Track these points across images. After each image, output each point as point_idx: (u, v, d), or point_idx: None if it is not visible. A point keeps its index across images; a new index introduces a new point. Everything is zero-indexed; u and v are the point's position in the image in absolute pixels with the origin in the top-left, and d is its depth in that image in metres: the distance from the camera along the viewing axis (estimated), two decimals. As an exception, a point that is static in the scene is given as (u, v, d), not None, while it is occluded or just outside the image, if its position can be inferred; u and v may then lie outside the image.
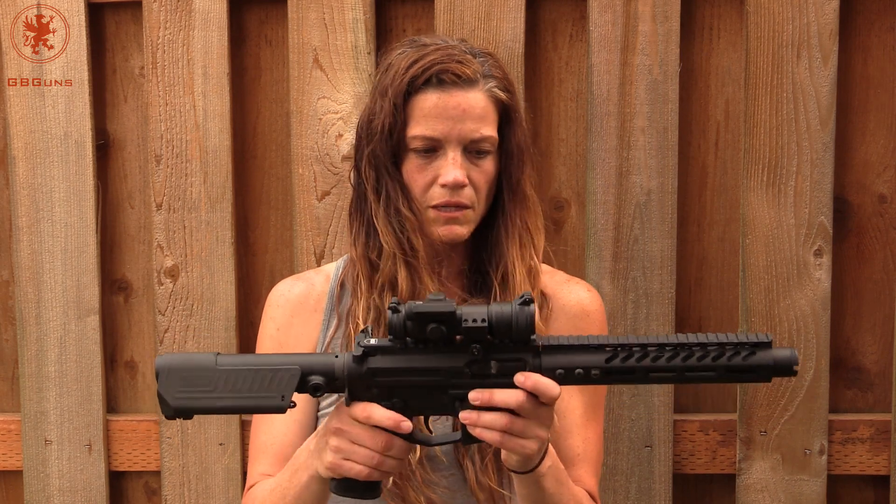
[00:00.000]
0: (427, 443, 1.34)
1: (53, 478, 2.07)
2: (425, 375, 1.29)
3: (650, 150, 1.92)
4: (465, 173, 1.47)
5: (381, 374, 1.29)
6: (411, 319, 1.26)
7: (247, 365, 1.30)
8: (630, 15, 1.90)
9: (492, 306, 1.26)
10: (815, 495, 1.96)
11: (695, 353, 1.26)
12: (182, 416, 1.31)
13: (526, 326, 1.25)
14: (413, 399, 1.30)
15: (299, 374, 1.29)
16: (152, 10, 1.97)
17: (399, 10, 1.98)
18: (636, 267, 1.94)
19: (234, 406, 1.30)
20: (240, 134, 2.03)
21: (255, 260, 2.06)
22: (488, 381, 1.28)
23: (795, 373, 1.26)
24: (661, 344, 1.26)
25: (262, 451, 1.55)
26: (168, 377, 1.30)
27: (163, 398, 1.29)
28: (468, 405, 1.28)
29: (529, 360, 1.27)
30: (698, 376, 1.26)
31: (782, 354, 1.26)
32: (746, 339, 1.25)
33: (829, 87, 1.89)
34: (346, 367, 1.29)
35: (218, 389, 1.29)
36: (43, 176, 2.02)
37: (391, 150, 1.49)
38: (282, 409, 1.29)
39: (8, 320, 2.12)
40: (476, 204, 1.49)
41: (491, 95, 1.49)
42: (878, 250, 1.97)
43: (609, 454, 1.97)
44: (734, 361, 1.25)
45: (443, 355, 1.29)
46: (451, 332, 1.26)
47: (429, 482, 1.48)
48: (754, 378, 1.26)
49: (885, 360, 1.98)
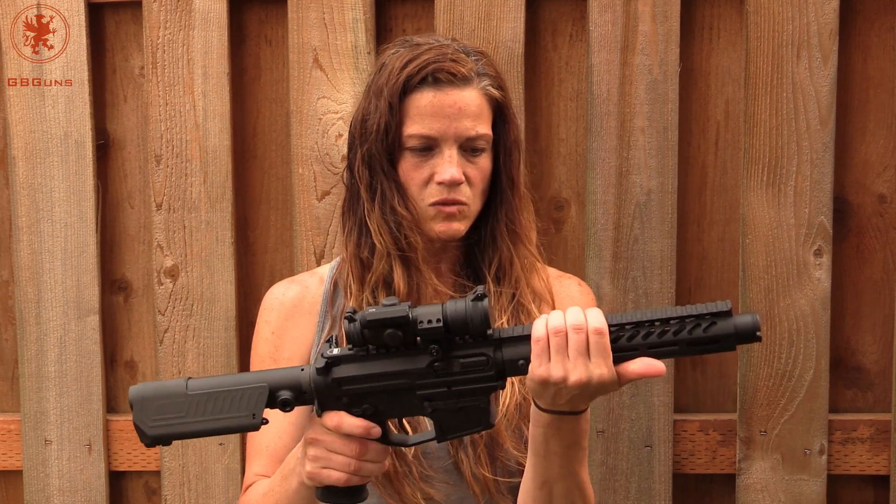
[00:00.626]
0: (404, 443, 1.36)
1: (53, 478, 2.07)
2: (391, 379, 1.30)
3: (650, 150, 1.92)
4: (461, 171, 1.48)
5: (347, 383, 1.30)
6: (366, 327, 1.27)
7: (216, 387, 1.32)
8: (630, 15, 1.90)
9: (446, 304, 1.26)
10: (815, 495, 1.96)
11: (655, 329, 1.24)
12: (160, 443, 1.33)
13: (481, 322, 1.25)
14: (383, 404, 1.31)
15: (267, 391, 1.31)
16: (152, 10, 1.97)
17: (399, 10, 1.98)
18: (636, 267, 1.94)
19: (207, 429, 1.32)
20: (240, 134, 2.03)
21: (255, 260, 2.06)
22: (453, 377, 1.29)
23: (759, 338, 1.23)
24: (621, 324, 1.25)
25: (258, 451, 1.55)
26: (142, 407, 1.32)
27: (139, 428, 1.32)
28: (437, 403, 1.29)
29: (491, 354, 1.28)
30: (661, 352, 1.24)
31: (743, 321, 1.23)
32: (706, 310, 1.23)
33: (829, 86, 1.89)
34: (311, 379, 1.31)
35: (190, 414, 1.32)
36: (43, 176, 2.02)
37: (387, 149, 1.50)
38: (255, 427, 1.32)
39: (8, 320, 2.12)
40: (472, 201, 1.50)
41: (485, 93, 1.50)
42: (878, 250, 1.97)
43: (609, 454, 1.97)
44: (695, 334, 1.23)
45: (404, 358, 1.29)
46: (408, 335, 1.27)
47: (426, 477, 1.48)
48: (718, 348, 1.24)
49: (885, 360, 1.98)
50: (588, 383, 1.24)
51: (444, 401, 1.30)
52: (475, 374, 1.28)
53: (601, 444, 1.96)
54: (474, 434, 1.44)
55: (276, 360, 1.58)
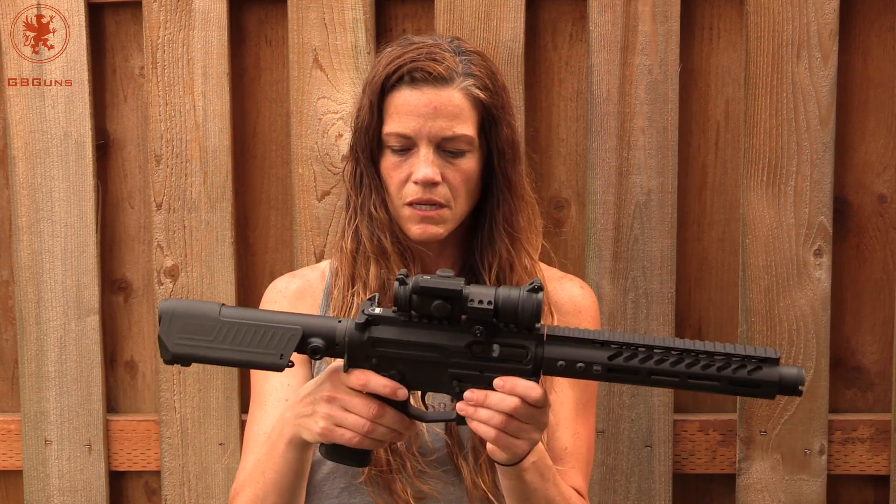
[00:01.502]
0: (422, 418, 1.34)
1: (53, 478, 2.07)
2: (426, 351, 1.28)
3: (650, 150, 1.92)
4: (436, 171, 1.47)
5: (381, 345, 1.29)
6: (417, 293, 1.25)
7: (249, 319, 1.29)
8: (630, 15, 1.90)
9: (500, 289, 1.25)
10: (815, 495, 1.96)
11: (700, 361, 1.23)
12: (180, 362, 1.30)
13: (532, 314, 1.25)
14: (412, 373, 1.30)
15: (300, 334, 1.28)
16: (152, 10, 1.97)
17: (399, 10, 1.98)
18: (636, 267, 1.94)
19: (232, 359, 1.29)
20: (240, 134, 2.03)
21: (255, 260, 2.06)
22: (489, 363, 1.27)
23: (801, 392, 1.23)
24: (667, 347, 1.24)
25: (254, 439, 1.54)
26: (170, 322, 1.29)
27: (163, 342, 1.29)
28: (466, 385, 1.28)
29: (532, 348, 1.27)
30: (701, 384, 1.24)
31: (789, 373, 1.23)
32: (754, 353, 1.23)
33: (829, 87, 1.89)
34: (347, 333, 1.29)
35: (218, 340, 1.29)
36: (43, 176, 2.02)
37: (369, 146, 1.51)
38: (279, 368, 1.29)
39: (8, 320, 2.12)
40: (452, 203, 1.49)
41: (467, 94, 1.48)
42: (878, 250, 1.97)
43: (609, 454, 1.97)
44: (739, 374, 1.23)
45: (446, 333, 1.28)
46: (456, 310, 1.25)
47: (420, 473, 1.48)
48: (757, 393, 1.24)
49: (885, 360, 1.98)
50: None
51: (474, 384, 1.28)
52: (511, 365, 1.27)
53: (601, 444, 1.96)
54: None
55: None
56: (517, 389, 1.25)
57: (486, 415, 1.26)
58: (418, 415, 1.33)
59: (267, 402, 1.55)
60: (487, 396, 1.26)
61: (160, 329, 1.29)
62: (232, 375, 2.02)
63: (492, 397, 1.26)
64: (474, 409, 1.26)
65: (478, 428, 1.27)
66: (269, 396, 1.55)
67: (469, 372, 1.28)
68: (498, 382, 1.26)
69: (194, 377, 2.02)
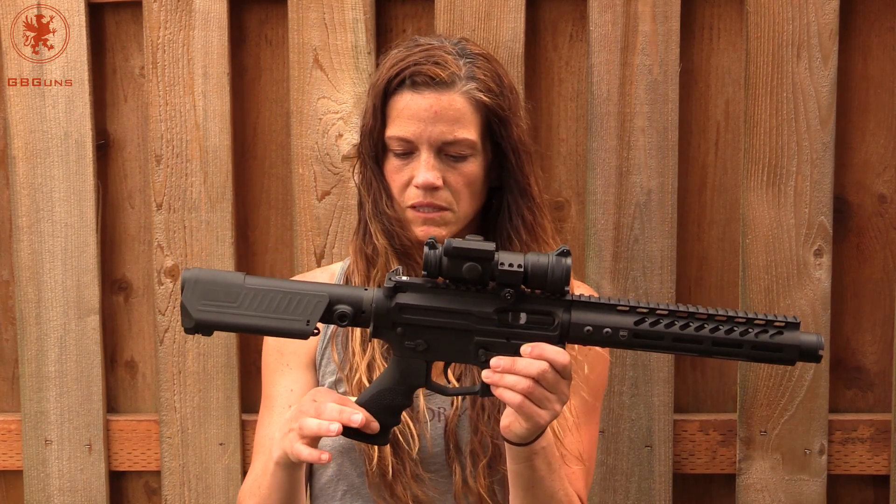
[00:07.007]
0: (443, 392, 1.34)
1: (53, 478, 2.07)
2: (453, 317, 1.28)
3: (650, 150, 1.92)
4: (438, 175, 1.47)
5: (408, 311, 1.29)
6: (449, 255, 1.25)
7: (275, 287, 1.28)
8: (630, 15, 1.90)
9: (529, 255, 1.26)
10: (815, 495, 1.97)
11: (722, 326, 1.25)
12: (202, 330, 1.27)
13: (561, 278, 1.25)
14: (437, 343, 1.29)
15: (327, 300, 1.28)
16: (152, 10, 1.97)
17: (399, 10, 1.98)
18: (636, 267, 1.94)
19: (257, 325, 1.27)
20: (240, 134, 2.03)
21: (255, 260, 2.06)
22: (515, 330, 1.28)
23: (820, 358, 1.25)
24: (691, 313, 1.26)
25: (262, 444, 1.55)
26: (194, 288, 1.27)
27: (185, 309, 1.26)
28: (492, 353, 1.28)
29: (560, 314, 1.27)
30: (725, 351, 1.26)
31: (809, 339, 1.26)
32: (775, 318, 1.25)
33: (829, 87, 1.89)
34: (374, 300, 1.29)
35: (243, 306, 1.27)
36: (43, 176, 2.02)
37: (374, 149, 1.52)
38: (305, 335, 1.28)
39: (8, 320, 2.12)
40: (454, 206, 1.50)
41: (469, 98, 1.48)
42: (878, 250, 1.97)
43: (609, 454, 1.97)
44: (761, 338, 1.25)
45: (473, 298, 1.28)
46: (485, 273, 1.26)
47: (418, 478, 1.48)
48: (779, 359, 1.26)
49: (885, 360, 1.98)
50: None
51: (500, 352, 1.28)
52: (538, 332, 1.27)
53: (601, 443, 1.96)
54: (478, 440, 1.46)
55: (282, 352, 1.57)
56: (545, 354, 1.25)
57: (512, 380, 1.25)
58: (440, 389, 1.33)
59: (274, 407, 1.55)
60: (515, 362, 1.26)
61: (183, 296, 1.26)
62: (232, 375, 2.02)
63: (519, 362, 1.25)
64: (500, 375, 1.26)
65: (503, 395, 1.26)
66: (277, 401, 1.55)
67: (495, 340, 1.28)
68: (525, 349, 1.26)
69: (194, 377, 2.03)
